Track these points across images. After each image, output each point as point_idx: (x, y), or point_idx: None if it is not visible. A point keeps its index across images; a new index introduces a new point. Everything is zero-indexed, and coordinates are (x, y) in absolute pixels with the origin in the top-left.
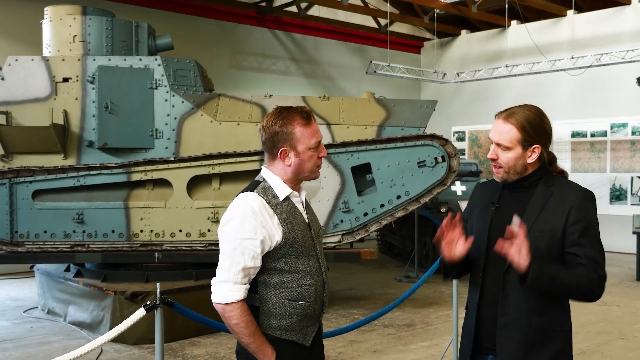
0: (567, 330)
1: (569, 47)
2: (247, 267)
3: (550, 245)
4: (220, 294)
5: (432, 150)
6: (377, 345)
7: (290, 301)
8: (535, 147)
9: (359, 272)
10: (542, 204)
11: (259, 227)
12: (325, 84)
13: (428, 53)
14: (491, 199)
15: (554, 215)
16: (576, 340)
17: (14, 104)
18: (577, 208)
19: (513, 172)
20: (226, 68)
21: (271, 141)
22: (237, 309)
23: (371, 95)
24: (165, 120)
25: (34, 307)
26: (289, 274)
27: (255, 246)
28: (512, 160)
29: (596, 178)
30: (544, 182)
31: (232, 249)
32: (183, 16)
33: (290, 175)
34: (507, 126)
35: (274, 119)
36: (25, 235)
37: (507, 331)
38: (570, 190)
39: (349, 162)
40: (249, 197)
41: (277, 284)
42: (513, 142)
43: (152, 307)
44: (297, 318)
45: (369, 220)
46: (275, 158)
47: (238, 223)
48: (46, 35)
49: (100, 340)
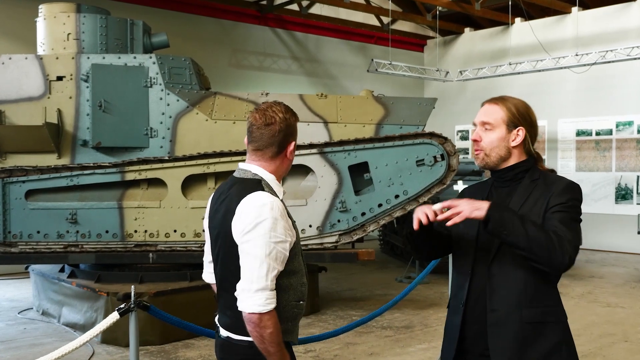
0: (563, 322)
1: (573, 44)
2: (278, 270)
3: None
4: (259, 302)
5: (431, 149)
6: (374, 348)
7: (297, 302)
8: (519, 129)
9: (360, 273)
10: (526, 195)
11: (288, 229)
12: (327, 83)
13: (431, 51)
14: (480, 196)
15: (536, 206)
16: (578, 343)
17: (7, 103)
18: (558, 195)
19: (495, 155)
20: (227, 67)
21: (284, 134)
22: (274, 317)
23: (369, 93)
24: (160, 119)
25: (29, 308)
26: (294, 275)
27: (286, 249)
28: (495, 140)
29: (601, 177)
30: (530, 175)
31: (266, 253)
32: (183, 15)
33: (282, 172)
34: (494, 107)
35: (286, 111)
36: (18, 235)
37: (498, 328)
38: (554, 182)
39: (346, 160)
40: (271, 198)
41: (287, 286)
42: (497, 121)
43: (127, 311)
44: (298, 319)
45: (367, 220)
46: (280, 153)
47: (271, 225)
48: (40, 33)
49: (69, 347)
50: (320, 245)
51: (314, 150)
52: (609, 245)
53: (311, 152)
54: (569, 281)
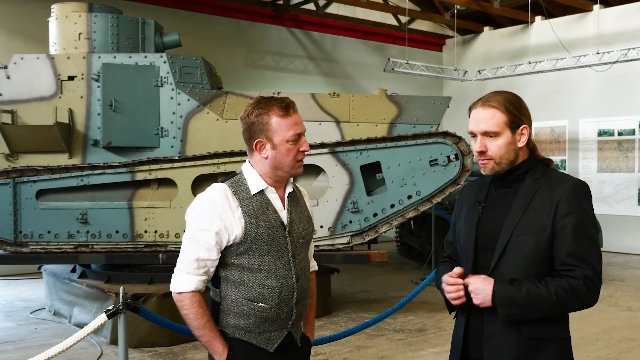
0: (563, 339)
1: (594, 42)
2: (202, 258)
3: (538, 244)
4: (174, 282)
5: (445, 148)
6: (385, 351)
7: (249, 301)
8: (523, 128)
9: (375, 275)
10: (529, 198)
11: (215, 219)
12: (344, 83)
13: (450, 51)
14: (478, 197)
15: (541, 211)
16: (596, 348)
17: (19, 103)
18: (566, 200)
19: (505, 161)
20: (242, 67)
21: (248, 132)
22: (188, 299)
23: (383, 92)
24: (170, 118)
25: (41, 308)
26: (251, 273)
27: (209, 237)
28: (504, 147)
29: (624, 178)
30: (531, 175)
31: (188, 238)
32: (199, 15)
33: (267, 169)
34: (489, 111)
35: (251, 108)
36: (29, 235)
37: (494, 342)
38: (559, 182)
39: (358, 160)
40: (214, 189)
41: (238, 281)
42: (500, 125)
43: (115, 313)
44: (256, 320)
45: (379, 221)
46: (252, 150)
47: (197, 214)
48: (53, 33)
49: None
50: (332, 247)
51: (325, 149)
52: (632, 247)
53: (323, 152)
54: None
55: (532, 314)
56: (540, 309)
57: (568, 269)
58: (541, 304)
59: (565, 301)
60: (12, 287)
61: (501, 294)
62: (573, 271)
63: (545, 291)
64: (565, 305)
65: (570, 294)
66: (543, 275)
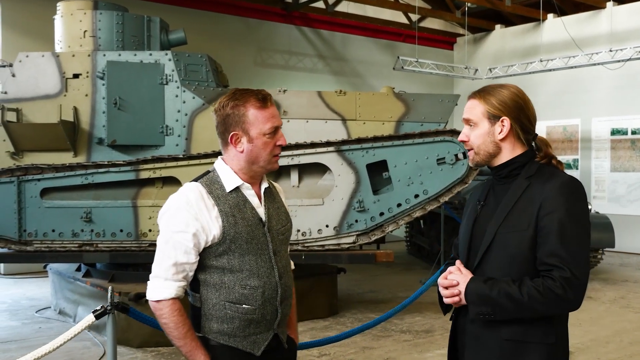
0: (549, 344)
1: (607, 40)
2: (180, 262)
3: (521, 243)
4: (152, 289)
5: (452, 147)
6: (391, 353)
7: (232, 303)
8: (503, 120)
9: (384, 275)
10: (517, 196)
11: (191, 220)
12: (354, 82)
13: (461, 49)
14: (479, 197)
15: (527, 209)
16: (607, 350)
17: (24, 101)
18: (552, 198)
19: (484, 152)
20: (252, 66)
21: (223, 124)
22: (167, 307)
23: (390, 90)
24: (175, 116)
25: (47, 307)
26: (232, 274)
27: (186, 239)
28: (480, 136)
29: (637, 178)
30: (525, 172)
31: (164, 242)
32: (208, 13)
33: (243, 164)
34: (473, 101)
35: (226, 100)
36: (33, 234)
37: (475, 342)
38: (548, 180)
39: (364, 159)
40: (188, 187)
41: (218, 284)
42: (478, 116)
43: (103, 313)
44: (240, 323)
45: (385, 220)
46: (227, 144)
47: (171, 215)
48: (58, 31)
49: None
50: (337, 246)
51: (331, 148)
52: None
53: (328, 150)
54: (601, 285)
55: (503, 314)
56: (511, 309)
57: (547, 269)
58: (511, 304)
59: (537, 303)
60: (20, 285)
61: (472, 290)
62: (551, 272)
63: (517, 291)
64: (537, 306)
65: (544, 296)
66: (528, 276)
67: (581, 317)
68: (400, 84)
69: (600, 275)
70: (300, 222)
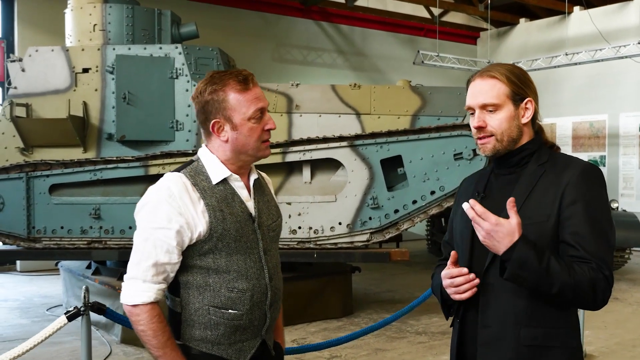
0: (572, 348)
1: (636, 32)
2: (161, 262)
3: (542, 235)
4: (127, 293)
5: (470, 141)
6: (405, 355)
7: (217, 308)
8: (528, 101)
9: (402, 274)
10: (532, 184)
11: (174, 215)
12: (373, 77)
13: (484, 44)
14: (476, 189)
15: (545, 197)
16: (633, 355)
17: (34, 96)
18: (574, 186)
19: (508, 137)
20: (270, 61)
21: (202, 113)
22: (145, 312)
23: (406, 83)
24: (186, 111)
25: (58, 305)
26: (217, 275)
27: (169, 237)
28: (505, 121)
29: None
30: (536, 159)
31: (143, 240)
32: (226, 9)
33: (229, 154)
34: (489, 82)
35: (204, 85)
36: (42, 231)
37: (489, 349)
38: (566, 166)
39: (379, 154)
40: (170, 179)
41: (202, 286)
42: (501, 97)
43: (76, 315)
44: (226, 330)
45: (400, 217)
46: (209, 134)
47: (151, 209)
48: (68, 25)
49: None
50: (351, 244)
51: (344, 143)
52: None
53: (341, 145)
54: (627, 286)
55: (539, 286)
56: (551, 285)
57: (583, 262)
58: (555, 280)
59: (579, 290)
60: (34, 283)
61: (520, 252)
62: (589, 263)
63: (566, 271)
64: (577, 294)
65: (588, 285)
66: None
67: (606, 319)
68: (421, 80)
69: (627, 275)
70: (312, 219)
